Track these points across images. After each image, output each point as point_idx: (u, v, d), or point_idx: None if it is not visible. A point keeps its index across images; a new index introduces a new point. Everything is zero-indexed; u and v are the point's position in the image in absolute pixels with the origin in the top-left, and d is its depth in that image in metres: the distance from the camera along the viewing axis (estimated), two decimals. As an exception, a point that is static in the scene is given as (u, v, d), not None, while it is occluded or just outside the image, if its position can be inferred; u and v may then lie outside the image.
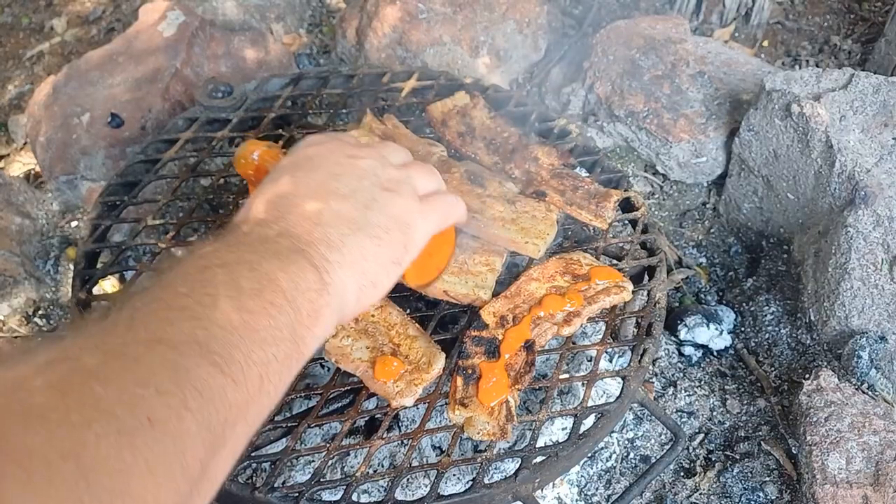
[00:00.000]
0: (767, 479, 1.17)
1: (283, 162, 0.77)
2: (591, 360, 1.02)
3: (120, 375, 0.48)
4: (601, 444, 1.21)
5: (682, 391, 1.30)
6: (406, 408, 0.93)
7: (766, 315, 1.36)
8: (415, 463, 0.90)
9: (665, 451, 1.01)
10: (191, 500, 0.50)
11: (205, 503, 0.53)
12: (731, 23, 2.00)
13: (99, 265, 1.14)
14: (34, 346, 0.51)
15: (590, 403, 0.96)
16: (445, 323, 1.07)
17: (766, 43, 2.00)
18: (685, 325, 1.34)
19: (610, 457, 1.20)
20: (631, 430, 1.24)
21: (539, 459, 0.90)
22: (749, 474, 1.17)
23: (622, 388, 0.98)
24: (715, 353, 1.35)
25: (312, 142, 0.80)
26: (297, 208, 0.69)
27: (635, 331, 1.06)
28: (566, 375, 1.05)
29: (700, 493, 1.17)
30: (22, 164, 1.79)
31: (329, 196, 0.71)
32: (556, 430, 1.12)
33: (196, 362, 0.52)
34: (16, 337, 1.40)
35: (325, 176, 0.74)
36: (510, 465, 1.06)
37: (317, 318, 0.64)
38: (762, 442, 1.21)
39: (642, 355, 1.01)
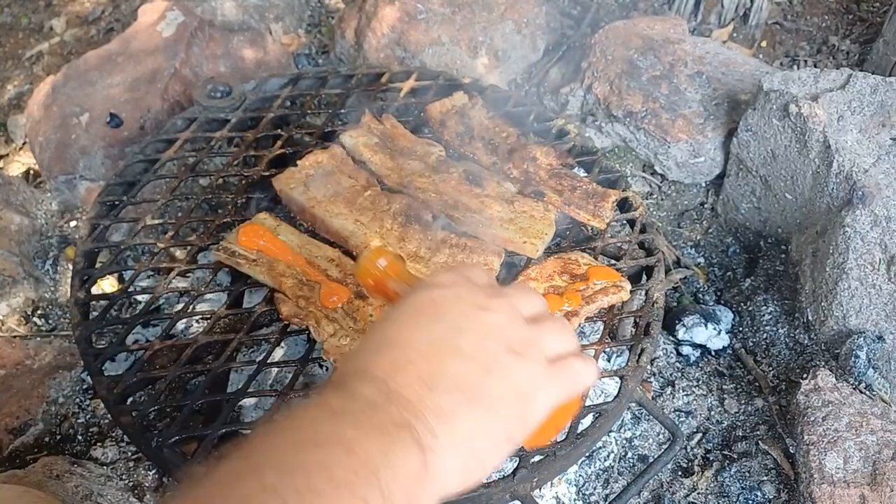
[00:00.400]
0: (765, 478, 1.17)
1: (406, 302, 0.69)
2: (589, 360, 1.02)
3: None
4: (599, 444, 1.21)
5: (680, 391, 1.30)
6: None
7: (763, 315, 1.36)
8: (413, 462, 0.90)
9: (663, 450, 1.01)
10: None
11: None
12: (730, 23, 2.00)
13: (98, 264, 1.14)
14: None
15: (588, 403, 0.96)
16: (444, 322, 1.07)
17: (764, 43, 2.00)
18: (683, 325, 1.34)
19: (608, 456, 1.21)
20: (629, 429, 1.25)
21: (537, 459, 0.91)
22: (747, 474, 1.17)
23: (620, 388, 0.98)
24: (713, 353, 1.36)
25: (441, 283, 0.71)
26: (413, 366, 0.62)
27: (633, 330, 1.06)
28: (564, 375, 1.05)
29: (698, 493, 1.17)
30: (21, 163, 1.79)
31: (448, 355, 0.64)
32: (554, 430, 1.12)
33: None
34: (14, 336, 1.40)
35: (447, 329, 0.66)
36: (508, 465, 1.06)
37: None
38: (760, 441, 1.21)
39: (640, 355, 1.01)
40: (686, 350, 1.35)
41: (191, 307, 1.07)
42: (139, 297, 1.30)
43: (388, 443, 0.57)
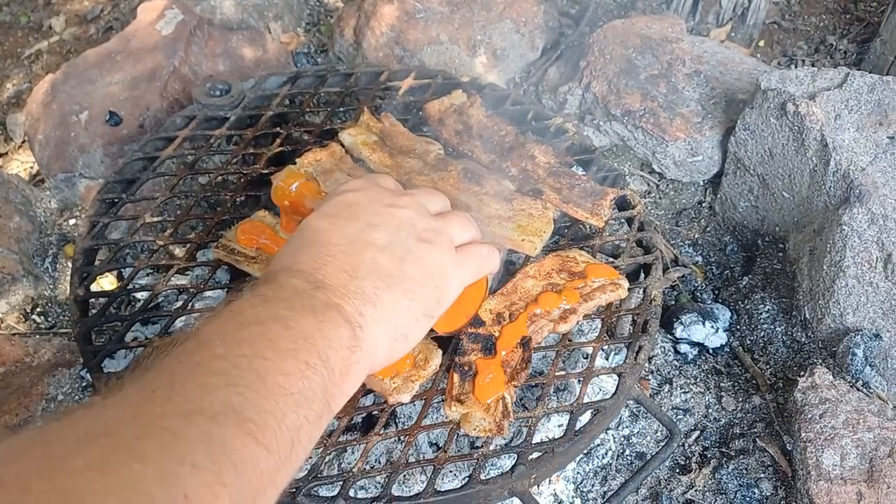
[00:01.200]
0: (762, 475, 1.17)
1: (323, 207, 0.77)
2: (587, 358, 1.03)
3: (158, 452, 0.49)
4: (597, 441, 1.21)
5: (678, 388, 1.30)
6: (403, 404, 0.93)
7: (761, 313, 1.37)
8: (411, 459, 0.91)
9: (661, 447, 1.01)
10: None
11: None
12: (728, 22, 2.00)
13: (97, 262, 1.14)
14: (72, 409, 0.51)
15: (586, 400, 0.96)
16: (442, 320, 1.08)
17: (762, 42, 2.01)
18: (681, 323, 1.35)
19: (606, 453, 1.21)
20: (627, 426, 1.25)
21: (535, 456, 0.91)
22: (744, 471, 1.18)
23: (618, 385, 0.99)
24: (711, 351, 1.36)
25: (352, 187, 0.80)
26: (334, 259, 0.69)
27: (631, 328, 1.06)
28: (562, 372, 1.05)
29: (695, 490, 1.17)
30: (20, 162, 1.80)
31: (366, 248, 0.72)
32: (552, 427, 1.12)
33: (232, 433, 0.53)
34: (14, 334, 1.41)
35: (362, 225, 0.74)
36: (506, 462, 1.06)
37: (348, 375, 0.64)
38: (757, 439, 1.21)
39: (638, 352, 1.02)
40: (684, 348, 1.35)
41: (190, 304, 1.07)
42: (138, 295, 1.30)
43: (321, 320, 0.63)
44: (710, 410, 1.28)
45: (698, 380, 1.32)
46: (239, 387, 0.55)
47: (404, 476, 1.07)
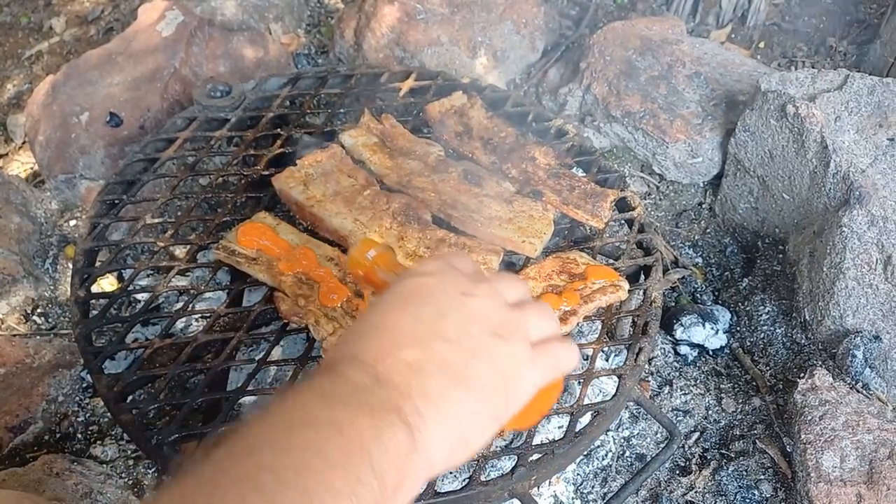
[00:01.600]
0: (762, 477, 1.18)
1: (395, 288, 0.72)
2: (587, 359, 1.03)
3: None
4: (597, 442, 1.21)
5: (678, 390, 1.31)
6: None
7: (761, 315, 1.37)
8: (412, 460, 0.91)
9: (661, 449, 1.02)
10: None
11: None
12: (728, 24, 2.01)
13: (98, 263, 1.15)
14: None
15: (586, 402, 0.96)
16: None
17: (762, 44, 2.01)
18: (681, 325, 1.35)
19: (606, 455, 1.21)
20: (627, 428, 1.25)
21: (535, 457, 0.91)
22: (744, 472, 1.18)
23: (618, 387, 0.99)
24: (710, 353, 1.36)
25: (426, 271, 0.74)
26: (400, 351, 0.65)
27: (631, 330, 1.06)
28: (562, 374, 1.05)
29: (695, 492, 1.17)
30: (21, 163, 1.80)
31: (434, 339, 0.67)
32: (552, 429, 1.12)
33: None
34: (14, 335, 1.41)
35: (433, 315, 0.69)
36: (507, 463, 1.06)
37: (401, 485, 0.60)
38: (757, 440, 1.21)
39: (638, 354, 1.02)
40: (684, 349, 1.35)
41: (190, 306, 1.07)
42: (139, 296, 1.30)
43: (378, 423, 0.59)
44: (709, 412, 1.28)
45: (698, 381, 1.32)
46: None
47: (404, 477, 1.07)
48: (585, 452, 1.19)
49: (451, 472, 1.07)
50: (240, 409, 1.14)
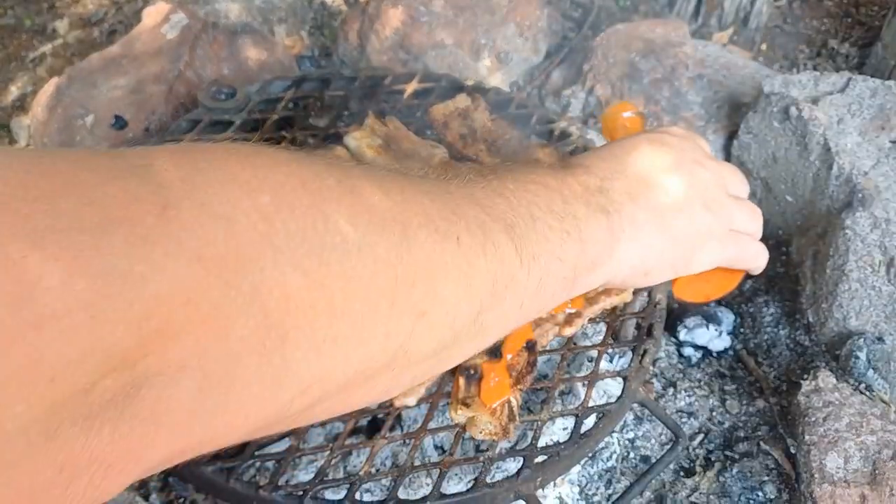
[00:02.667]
0: (766, 478, 1.18)
1: (642, 135, 0.81)
2: (592, 361, 1.03)
3: (443, 201, 0.54)
4: (602, 444, 1.22)
5: (682, 392, 1.31)
6: (409, 408, 0.94)
7: (764, 316, 1.37)
8: (417, 462, 0.91)
9: (665, 450, 1.02)
10: (462, 335, 0.56)
11: (469, 346, 0.60)
12: (730, 26, 2.01)
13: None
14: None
15: (591, 404, 0.97)
16: (448, 323, 1.08)
17: (764, 46, 2.01)
18: (685, 327, 1.35)
19: (610, 456, 1.21)
20: (631, 430, 1.25)
21: (541, 459, 0.91)
22: (748, 474, 1.18)
23: (623, 389, 0.99)
24: (714, 354, 1.36)
25: (675, 132, 0.83)
26: (626, 179, 0.73)
27: (636, 332, 1.07)
28: (567, 376, 1.06)
29: (700, 493, 1.18)
30: (25, 165, 1.80)
31: (656, 186, 0.75)
32: (557, 430, 1.13)
33: (499, 229, 0.57)
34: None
35: (664, 165, 0.76)
36: (512, 465, 1.07)
37: (594, 268, 0.68)
38: (761, 442, 1.22)
39: (643, 356, 1.02)
40: (688, 351, 1.36)
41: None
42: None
43: (591, 214, 0.68)
44: (714, 413, 1.29)
45: (702, 383, 1.33)
46: (514, 211, 0.60)
47: (410, 479, 1.07)
48: (590, 454, 1.19)
49: (456, 475, 1.07)
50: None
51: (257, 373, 0.39)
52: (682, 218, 0.76)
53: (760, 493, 1.17)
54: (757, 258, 0.88)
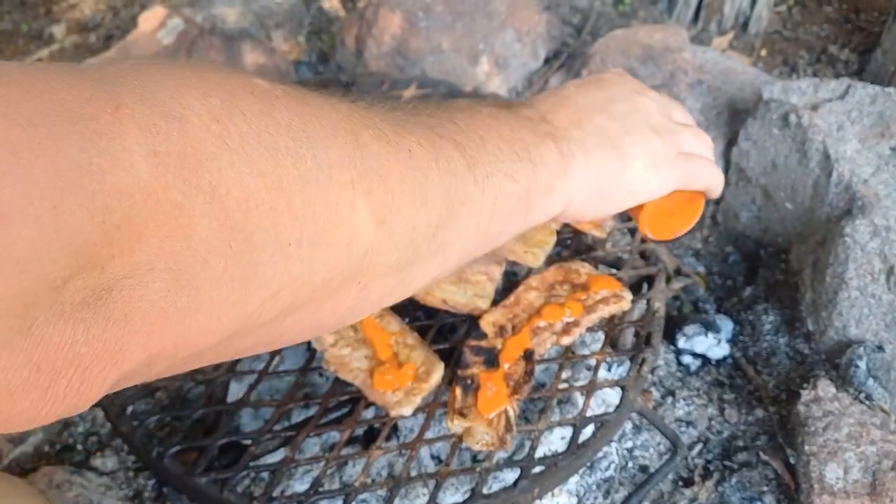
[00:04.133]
0: (766, 488, 1.17)
1: (580, 79, 0.82)
2: (590, 370, 1.02)
3: (393, 118, 0.54)
4: (600, 454, 1.21)
5: (681, 400, 1.30)
6: (405, 417, 0.93)
7: (764, 324, 1.36)
8: (413, 473, 0.90)
9: (664, 461, 1.01)
10: (423, 250, 0.55)
11: (431, 265, 0.58)
12: (729, 31, 2.01)
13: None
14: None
15: (589, 413, 0.96)
16: (444, 332, 1.07)
17: (763, 52, 2.01)
18: (684, 335, 1.34)
19: (609, 466, 1.20)
20: (629, 439, 1.24)
21: (538, 469, 0.90)
22: (747, 484, 1.17)
23: (621, 398, 0.98)
24: (713, 363, 1.36)
25: (612, 70, 0.85)
26: (568, 109, 0.74)
27: (634, 340, 1.06)
28: (565, 385, 1.05)
29: (698, 503, 1.17)
30: (21, 170, 1.79)
31: (601, 112, 0.75)
32: (555, 440, 1.12)
33: (450, 147, 0.57)
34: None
35: (605, 96, 0.77)
36: (509, 475, 1.06)
37: (549, 191, 0.67)
38: (760, 451, 1.21)
39: (641, 365, 1.01)
40: (686, 359, 1.35)
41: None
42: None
43: (539, 139, 0.68)
44: (712, 423, 1.28)
45: (701, 391, 1.32)
46: (462, 131, 0.60)
47: (406, 490, 1.06)
48: (588, 464, 1.18)
49: (452, 485, 1.06)
50: (240, 421, 1.14)
51: (225, 274, 0.40)
52: (630, 139, 0.76)
53: (760, 504, 1.16)
54: (712, 176, 0.86)
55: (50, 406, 0.35)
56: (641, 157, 0.76)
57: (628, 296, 1.05)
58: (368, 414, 0.97)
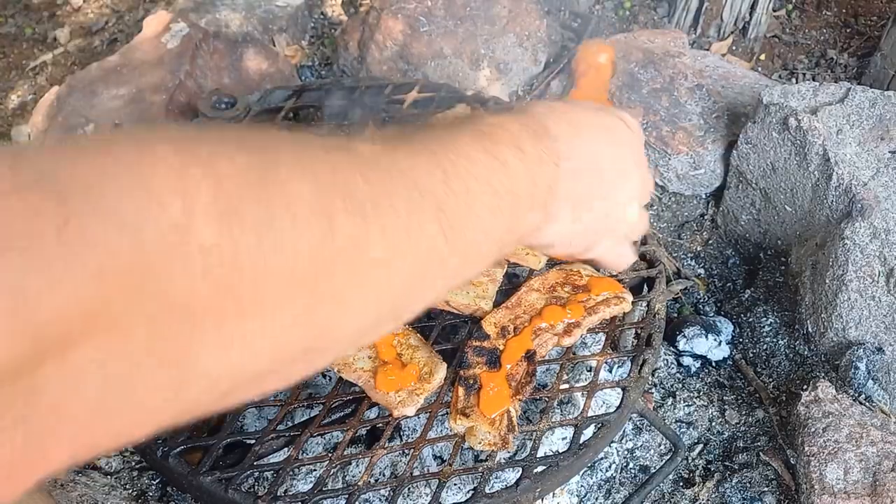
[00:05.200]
0: (766, 489, 1.18)
1: (584, 104, 0.81)
2: (591, 371, 1.03)
3: (377, 177, 0.51)
4: (601, 455, 1.21)
5: (681, 402, 1.31)
6: (408, 417, 0.94)
7: (763, 326, 1.37)
8: (416, 472, 0.91)
9: (665, 461, 1.02)
10: (387, 321, 0.54)
11: (393, 326, 0.59)
12: (729, 36, 2.02)
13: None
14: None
15: (590, 413, 0.96)
16: (447, 333, 1.08)
17: (763, 56, 2.02)
18: (684, 336, 1.35)
19: (609, 467, 1.21)
20: (630, 440, 1.25)
21: (540, 469, 0.91)
22: (748, 485, 1.18)
23: (622, 399, 0.99)
24: (713, 364, 1.36)
25: (622, 117, 0.83)
26: (566, 125, 0.72)
27: (635, 341, 1.07)
28: (566, 386, 1.05)
29: (699, 503, 1.17)
30: (25, 173, 1.80)
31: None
32: (556, 440, 1.12)
33: (429, 210, 0.54)
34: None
35: (601, 128, 0.77)
36: (511, 475, 1.06)
37: (533, 208, 0.66)
38: (761, 452, 1.22)
39: (642, 366, 1.02)
40: (687, 361, 1.36)
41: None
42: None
43: (527, 156, 0.64)
44: (713, 423, 1.28)
45: (701, 393, 1.33)
46: (448, 182, 0.56)
47: (409, 489, 1.07)
48: (589, 464, 1.19)
49: (455, 485, 1.07)
50: (244, 421, 1.14)
51: (158, 374, 0.38)
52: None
53: (760, 504, 1.16)
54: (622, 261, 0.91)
55: None
56: (627, 202, 0.79)
57: (629, 298, 1.06)
58: (372, 414, 0.98)
